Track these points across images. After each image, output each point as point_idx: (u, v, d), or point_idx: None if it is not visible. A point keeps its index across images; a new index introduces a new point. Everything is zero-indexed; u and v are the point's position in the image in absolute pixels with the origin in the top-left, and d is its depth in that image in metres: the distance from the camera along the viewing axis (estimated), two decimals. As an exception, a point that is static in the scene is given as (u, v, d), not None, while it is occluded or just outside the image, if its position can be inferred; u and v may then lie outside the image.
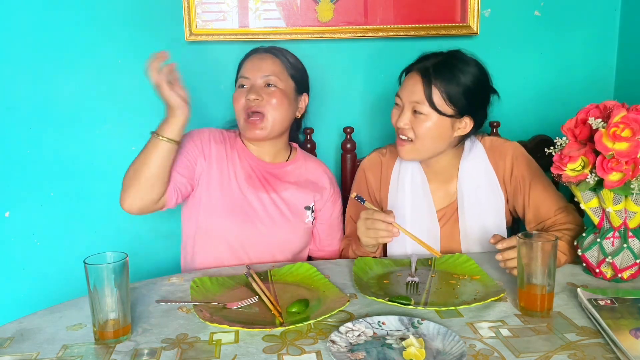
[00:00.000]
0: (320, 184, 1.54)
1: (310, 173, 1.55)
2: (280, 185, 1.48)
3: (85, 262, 0.95)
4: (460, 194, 1.43)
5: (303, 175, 1.53)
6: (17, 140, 1.74)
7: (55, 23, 1.69)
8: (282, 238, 1.45)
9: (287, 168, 1.52)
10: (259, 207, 1.44)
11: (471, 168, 1.43)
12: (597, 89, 1.90)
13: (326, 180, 1.56)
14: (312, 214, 1.51)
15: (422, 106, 1.32)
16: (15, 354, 0.93)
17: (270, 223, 1.43)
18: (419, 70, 1.34)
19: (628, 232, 1.17)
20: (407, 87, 1.35)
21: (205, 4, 1.70)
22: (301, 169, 1.54)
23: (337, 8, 1.74)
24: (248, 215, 1.42)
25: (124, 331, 0.97)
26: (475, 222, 1.41)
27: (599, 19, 1.86)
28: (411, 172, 1.45)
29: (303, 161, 1.56)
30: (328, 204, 1.54)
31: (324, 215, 1.54)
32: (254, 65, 1.45)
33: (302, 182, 1.51)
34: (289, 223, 1.46)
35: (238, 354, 0.91)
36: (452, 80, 1.31)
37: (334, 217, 1.57)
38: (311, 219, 1.51)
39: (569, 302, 1.09)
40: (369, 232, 1.26)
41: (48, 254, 1.80)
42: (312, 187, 1.52)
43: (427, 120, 1.33)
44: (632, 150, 1.07)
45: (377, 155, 1.52)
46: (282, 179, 1.50)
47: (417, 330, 0.97)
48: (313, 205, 1.51)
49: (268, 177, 1.48)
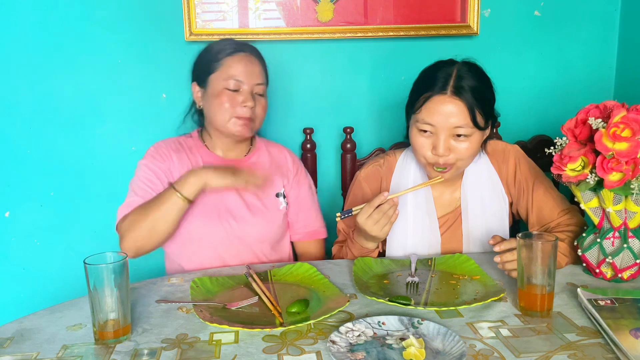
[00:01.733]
0: (285, 167, 1.55)
1: (274, 156, 1.55)
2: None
3: (85, 262, 0.95)
4: (464, 199, 1.41)
5: (267, 161, 1.53)
6: (17, 140, 1.74)
7: (56, 23, 1.69)
8: (259, 231, 1.45)
9: (252, 159, 1.52)
10: (232, 205, 1.43)
11: (475, 173, 1.42)
12: (597, 89, 1.90)
13: (290, 162, 1.56)
14: (284, 199, 1.51)
15: (464, 128, 1.26)
16: (15, 354, 0.93)
17: (245, 219, 1.44)
18: (455, 93, 1.25)
19: (628, 232, 1.17)
20: (442, 112, 1.26)
21: (205, 4, 1.70)
22: (265, 157, 1.54)
23: (337, 8, 1.74)
24: (222, 216, 1.42)
25: (124, 331, 0.97)
26: (479, 227, 1.40)
27: (599, 19, 1.86)
28: (413, 181, 1.43)
29: (265, 148, 1.56)
30: (295, 185, 1.55)
31: (293, 197, 1.54)
32: (247, 70, 1.42)
33: (268, 168, 1.52)
34: (264, 214, 1.46)
35: (238, 354, 0.91)
36: (484, 95, 1.29)
37: (304, 197, 1.56)
38: (285, 205, 1.51)
39: (569, 302, 1.08)
40: (382, 222, 1.23)
41: (48, 254, 1.80)
42: (279, 173, 1.53)
43: (468, 140, 1.28)
44: (632, 150, 1.07)
45: (374, 166, 1.48)
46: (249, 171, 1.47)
47: (417, 330, 0.96)
48: (283, 191, 1.52)
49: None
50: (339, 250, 1.47)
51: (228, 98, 1.40)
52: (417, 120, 1.30)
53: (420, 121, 1.29)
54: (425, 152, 1.31)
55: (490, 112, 1.32)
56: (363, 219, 1.24)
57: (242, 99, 1.40)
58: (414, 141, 1.33)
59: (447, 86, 1.26)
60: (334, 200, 1.89)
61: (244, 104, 1.40)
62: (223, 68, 1.41)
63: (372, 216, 1.23)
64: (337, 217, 1.29)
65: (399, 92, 1.79)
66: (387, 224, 1.24)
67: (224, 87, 1.40)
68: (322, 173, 1.86)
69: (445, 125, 1.26)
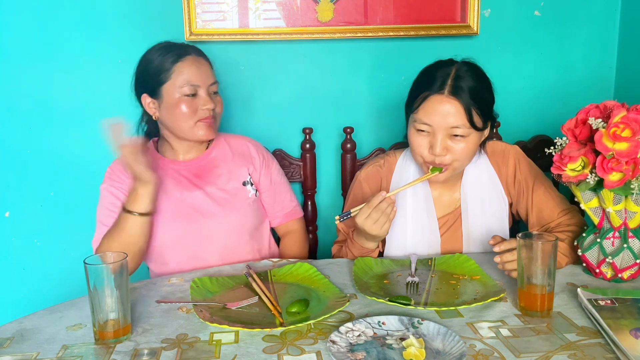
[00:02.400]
0: (248, 155, 1.53)
1: (234, 147, 1.54)
2: (211, 175, 1.47)
3: (85, 262, 0.95)
4: (464, 200, 1.41)
5: (229, 154, 1.52)
6: (17, 140, 1.74)
7: (55, 23, 1.69)
8: (233, 224, 1.45)
9: (212, 155, 1.50)
10: (197, 205, 1.42)
11: (475, 174, 1.42)
12: (597, 89, 1.90)
13: (252, 149, 1.55)
14: (252, 187, 1.50)
15: (460, 129, 1.26)
16: (15, 354, 0.93)
17: (212, 215, 1.43)
18: (453, 93, 1.25)
19: (628, 232, 1.17)
20: (439, 112, 1.26)
21: (205, 4, 1.70)
22: (225, 150, 1.52)
23: (337, 8, 1.74)
24: (190, 216, 1.41)
25: (124, 331, 0.97)
26: (479, 228, 1.40)
27: (599, 19, 1.86)
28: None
29: (224, 142, 1.54)
30: (265, 170, 1.54)
31: (266, 183, 1.54)
32: (199, 72, 1.40)
33: (231, 160, 1.50)
34: (234, 207, 1.45)
35: (238, 354, 0.91)
36: (481, 92, 1.28)
37: (276, 181, 1.57)
38: (254, 192, 1.50)
39: (569, 302, 1.08)
40: (381, 220, 1.23)
41: (48, 254, 1.80)
42: (242, 161, 1.51)
43: (464, 141, 1.27)
44: (632, 150, 1.07)
45: (374, 167, 1.48)
46: (212, 166, 1.48)
47: (417, 330, 0.96)
48: (250, 178, 1.50)
49: (199, 173, 1.47)
50: (339, 250, 1.46)
51: (187, 104, 1.38)
52: (415, 120, 1.30)
53: (417, 121, 1.29)
54: (422, 151, 1.31)
55: (488, 113, 1.31)
56: (362, 219, 1.24)
57: (202, 102, 1.39)
58: (411, 140, 1.33)
59: (444, 86, 1.26)
60: (333, 200, 1.89)
61: (204, 107, 1.39)
62: (175, 75, 1.38)
63: (371, 215, 1.23)
64: (336, 220, 1.27)
65: (399, 92, 1.79)
66: (386, 222, 1.24)
67: (181, 94, 1.38)
68: (322, 173, 1.86)
69: (442, 125, 1.26)
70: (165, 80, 1.39)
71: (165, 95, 1.39)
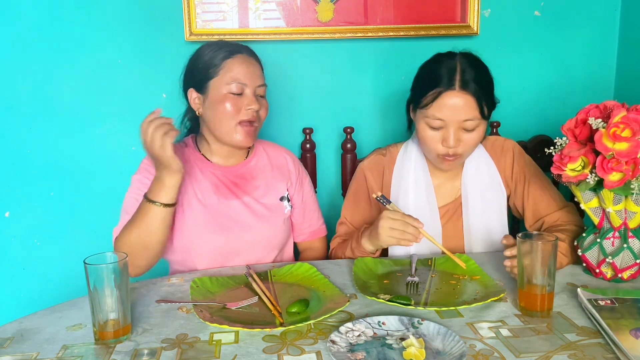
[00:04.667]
0: (286, 168, 1.51)
1: (273, 159, 1.50)
2: (250, 186, 1.43)
3: (85, 262, 0.95)
4: (464, 190, 1.43)
5: (268, 164, 1.48)
6: (17, 140, 1.74)
7: (56, 23, 1.69)
8: (264, 238, 1.42)
9: (251, 163, 1.47)
10: (234, 215, 1.39)
11: (475, 165, 1.44)
12: (597, 89, 1.90)
13: (290, 163, 1.52)
14: (288, 203, 1.48)
15: (473, 121, 1.29)
16: (15, 354, 0.93)
17: (249, 228, 1.39)
18: (463, 87, 1.28)
19: (628, 232, 1.17)
20: (452, 107, 1.28)
21: (205, 4, 1.70)
22: (264, 160, 1.49)
23: (337, 8, 1.74)
24: (226, 227, 1.37)
25: (124, 331, 0.97)
26: (479, 220, 1.42)
27: (599, 19, 1.86)
28: (414, 172, 1.45)
29: (263, 150, 1.51)
30: (299, 187, 1.52)
31: (299, 200, 1.52)
32: (249, 71, 1.36)
33: (270, 173, 1.47)
34: (269, 221, 1.43)
35: (238, 354, 0.91)
36: (486, 83, 1.32)
37: (308, 198, 1.54)
38: (289, 208, 1.48)
39: (569, 302, 1.08)
40: (394, 232, 1.23)
41: (48, 254, 1.80)
42: (281, 175, 1.48)
43: (475, 131, 1.31)
44: (632, 150, 1.07)
45: (377, 156, 1.51)
46: (250, 177, 1.45)
47: (417, 330, 0.96)
48: (287, 194, 1.48)
49: (237, 181, 1.43)
50: (339, 244, 1.47)
51: (232, 102, 1.34)
52: (427, 116, 1.32)
53: (430, 117, 1.31)
54: (436, 145, 1.33)
55: (493, 101, 1.34)
56: (388, 218, 1.24)
57: (247, 102, 1.35)
58: (423, 135, 1.35)
59: (454, 81, 1.28)
60: (333, 201, 1.89)
61: (249, 107, 1.34)
62: (224, 72, 1.35)
63: (396, 220, 1.23)
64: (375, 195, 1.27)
65: (399, 92, 1.79)
66: (396, 237, 1.24)
67: (227, 91, 1.34)
68: (322, 173, 1.86)
69: (455, 119, 1.29)
70: (214, 75, 1.35)
71: (212, 90, 1.36)
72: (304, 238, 1.56)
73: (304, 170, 1.58)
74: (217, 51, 1.37)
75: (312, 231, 1.56)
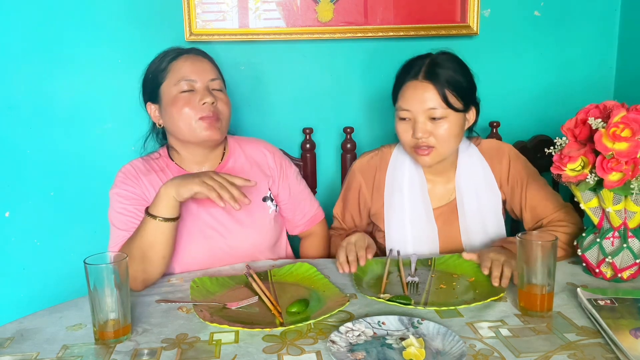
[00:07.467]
0: (267, 166, 1.46)
1: (251, 157, 1.46)
2: None
3: (85, 262, 0.95)
4: (459, 192, 1.43)
5: (246, 164, 1.44)
6: (17, 139, 1.74)
7: (56, 23, 1.69)
8: (249, 243, 1.38)
9: (228, 165, 1.42)
10: (215, 223, 1.36)
11: (469, 167, 1.43)
12: (597, 89, 1.90)
13: (270, 158, 1.47)
14: (272, 202, 1.44)
15: (438, 110, 1.30)
16: (15, 354, 0.93)
17: (233, 234, 1.36)
18: (426, 77, 1.31)
19: (628, 232, 1.17)
20: (415, 97, 1.32)
21: (205, 4, 1.70)
22: (241, 159, 1.45)
23: (337, 8, 1.74)
24: (207, 235, 1.34)
25: (124, 331, 0.97)
26: (476, 222, 1.41)
27: (599, 19, 1.86)
28: (409, 173, 1.44)
29: (239, 148, 1.46)
30: (283, 182, 1.47)
31: (283, 195, 1.48)
32: (195, 67, 1.34)
33: (249, 173, 1.41)
34: (253, 224, 1.39)
35: (238, 354, 0.91)
36: (455, 75, 1.33)
37: (295, 191, 1.50)
38: (274, 208, 1.44)
39: (569, 302, 1.09)
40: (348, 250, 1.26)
41: (48, 254, 1.80)
42: (261, 174, 1.44)
43: (445, 122, 1.32)
44: (632, 150, 1.07)
45: (369, 158, 1.49)
46: None
47: (417, 330, 0.97)
48: (270, 194, 1.44)
49: None
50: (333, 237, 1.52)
51: (185, 101, 1.31)
52: (397, 109, 1.37)
53: (399, 109, 1.36)
54: (407, 137, 1.35)
55: (466, 96, 1.34)
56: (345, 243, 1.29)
57: (199, 97, 1.31)
58: (397, 129, 1.38)
59: (419, 72, 1.33)
60: (333, 201, 1.87)
61: (202, 101, 1.31)
62: (171, 74, 1.33)
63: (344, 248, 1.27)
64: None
65: (399, 92, 1.79)
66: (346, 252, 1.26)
67: (178, 91, 1.32)
68: (322, 173, 1.86)
69: (420, 108, 1.31)
70: (162, 80, 1.35)
71: (164, 95, 1.35)
72: (301, 229, 1.54)
73: (287, 161, 1.53)
74: (163, 57, 1.38)
75: (308, 220, 1.54)
